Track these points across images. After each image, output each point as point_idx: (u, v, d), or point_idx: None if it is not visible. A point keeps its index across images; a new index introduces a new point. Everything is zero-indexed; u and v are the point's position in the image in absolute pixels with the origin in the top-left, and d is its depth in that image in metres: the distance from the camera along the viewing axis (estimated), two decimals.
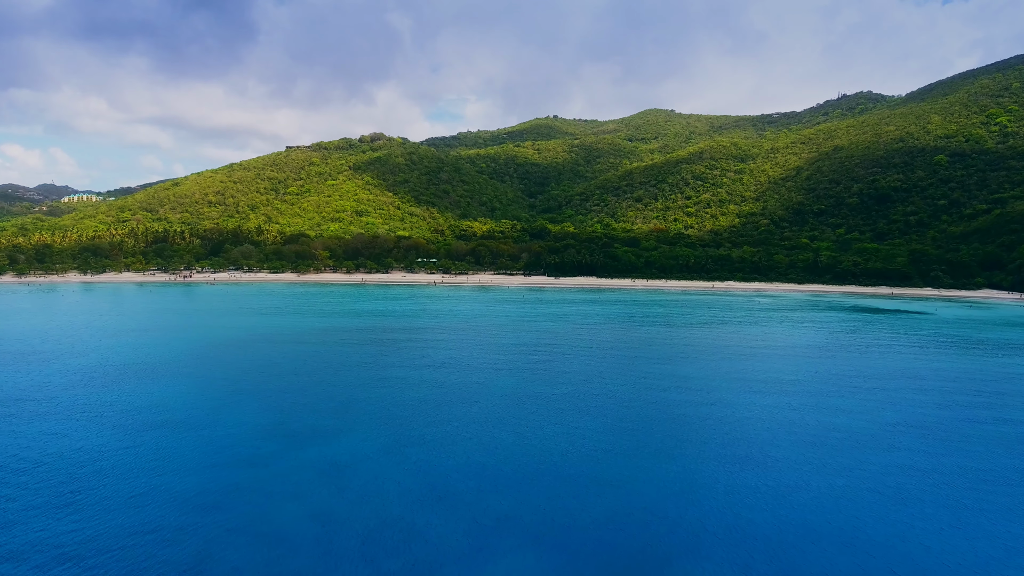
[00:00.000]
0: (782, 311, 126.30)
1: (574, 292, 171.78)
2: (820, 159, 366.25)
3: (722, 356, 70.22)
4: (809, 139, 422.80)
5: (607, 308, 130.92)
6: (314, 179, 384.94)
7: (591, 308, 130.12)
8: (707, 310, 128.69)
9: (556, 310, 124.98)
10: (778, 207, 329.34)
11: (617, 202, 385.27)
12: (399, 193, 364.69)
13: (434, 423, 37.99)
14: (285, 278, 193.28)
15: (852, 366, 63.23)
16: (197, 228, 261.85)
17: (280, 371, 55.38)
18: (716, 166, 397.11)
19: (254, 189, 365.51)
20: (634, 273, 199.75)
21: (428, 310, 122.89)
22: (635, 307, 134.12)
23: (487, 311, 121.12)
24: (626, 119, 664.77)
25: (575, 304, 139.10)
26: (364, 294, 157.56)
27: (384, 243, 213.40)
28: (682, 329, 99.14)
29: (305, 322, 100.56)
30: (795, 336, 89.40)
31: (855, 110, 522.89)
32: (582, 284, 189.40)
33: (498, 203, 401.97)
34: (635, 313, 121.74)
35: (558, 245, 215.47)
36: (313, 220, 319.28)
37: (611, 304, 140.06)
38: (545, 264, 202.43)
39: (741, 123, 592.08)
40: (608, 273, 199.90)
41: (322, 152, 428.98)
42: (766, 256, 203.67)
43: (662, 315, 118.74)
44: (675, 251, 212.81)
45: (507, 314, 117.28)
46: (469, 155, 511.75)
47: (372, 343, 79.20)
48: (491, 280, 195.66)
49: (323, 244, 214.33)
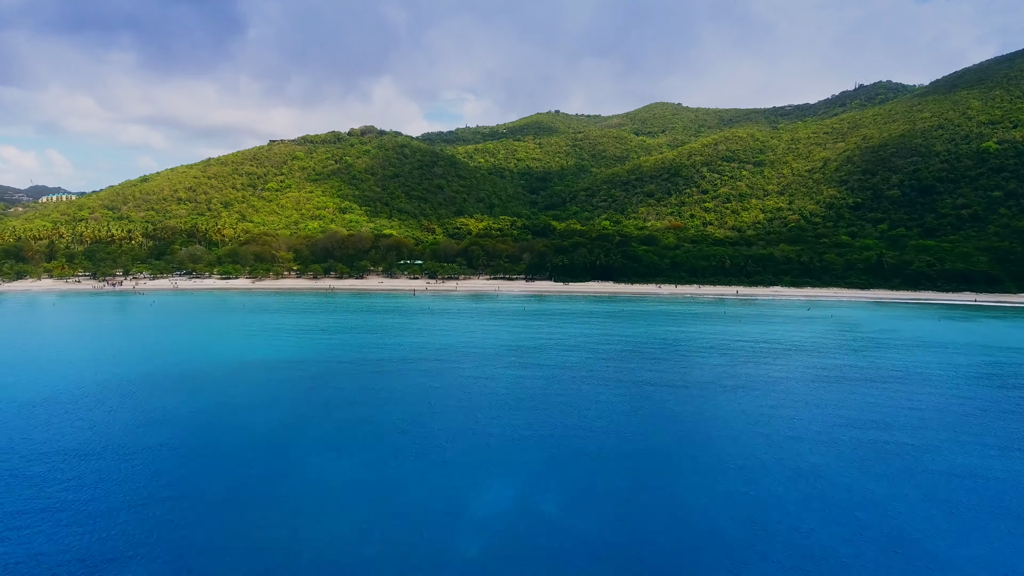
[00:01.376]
0: (898, 335, 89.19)
1: (587, 301, 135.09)
2: (849, 149, 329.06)
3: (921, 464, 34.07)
4: (832, 129, 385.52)
5: (637, 327, 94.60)
6: (297, 174, 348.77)
7: (616, 328, 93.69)
8: (784, 329, 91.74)
9: (568, 331, 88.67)
10: (808, 201, 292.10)
11: (626, 197, 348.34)
12: (388, 188, 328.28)
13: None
14: (237, 285, 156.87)
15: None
16: (150, 227, 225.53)
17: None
18: (733, 158, 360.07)
19: (230, 185, 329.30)
20: (658, 277, 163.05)
21: (391, 332, 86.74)
22: (673, 324, 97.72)
23: (474, 334, 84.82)
24: (630, 113, 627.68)
25: (592, 320, 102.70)
26: (320, 307, 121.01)
27: (359, 243, 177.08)
28: (767, 369, 62.18)
29: (176, 361, 64.05)
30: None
31: (875, 100, 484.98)
32: (596, 291, 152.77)
33: (497, 199, 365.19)
34: (679, 336, 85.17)
35: (566, 244, 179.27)
36: (291, 218, 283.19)
37: (641, 320, 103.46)
38: (551, 266, 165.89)
39: (752, 116, 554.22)
40: (627, 277, 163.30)
41: (307, 146, 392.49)
42: (816, 256, 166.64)
43: (717, 340, 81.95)
44: (705, 250, 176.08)
45: (500, 339, 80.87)
46: (467, 150, 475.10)
47: (268, 404, 43.05)
48: (486, 286, 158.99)
49: (287, 244, 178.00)
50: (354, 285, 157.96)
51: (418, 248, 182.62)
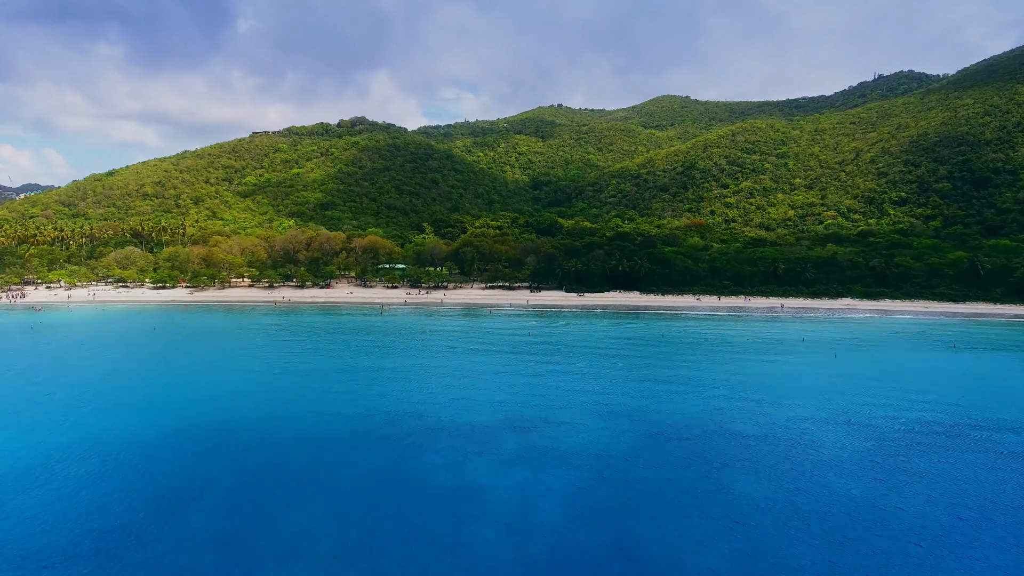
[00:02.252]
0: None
1: (612, 320, 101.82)
2: (883, 140, 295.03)
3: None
4: (860, 119, 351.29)
5: (697, 368, 62.11)
6: (278, 167, 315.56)
7: (665, 370, 61.25)
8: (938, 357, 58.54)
9: (598, 378, 56.46)
10: (843, 195, 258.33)
11: (638, 193, 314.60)
12: (377, 183, 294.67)
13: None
14: (171, 296, 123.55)
15: None
16: (87, 226, 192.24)
17: None
18: (754, 150, 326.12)
19: (203, 179, 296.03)
20: (695, 286, 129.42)
21: (318, 384, 53.57)
22: (745, 360, 64.60)
23: (452, 390, 52.96)
24: (637, 107, 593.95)
25: (626, 353, 70.43)
26: (246, 332, 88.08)
27: (327, 244, 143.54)
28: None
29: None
30: None
31: (896, 90, 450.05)
32: (619, 303, 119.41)
33: (496, 195, 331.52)
34: (768, 381, 51.80)
35: (578, 245, 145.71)
36: (266, 215, 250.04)
37: (695, 353, 70.76)
38: (561, 272, 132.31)
39: (766, 108, 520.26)
40: (655, 286, 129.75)
41: (292, 138, 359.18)
42: (884, 259, 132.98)
43: (847, 409, 48.61)
44: (751, 252, 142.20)
45: (494, 402, 49.30)
46: (465, 143, 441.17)
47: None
48: (481, 297, 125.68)
49: (241, 246, 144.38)
50: (315, 297, 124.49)
51: (399, 251, 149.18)
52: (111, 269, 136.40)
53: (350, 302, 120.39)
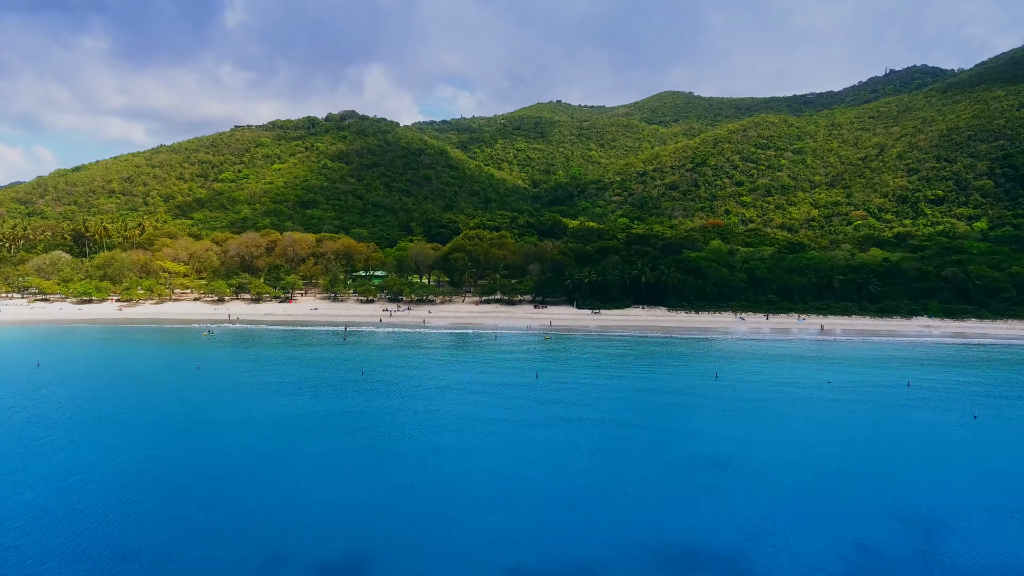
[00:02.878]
0: None
1: (644, 353, 77.79)
2: (909, 134, 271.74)
3: None
4: (879, 113, 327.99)
5: (812, 450, 36.73)
6: (259, 162, 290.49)
7: (771, 464, 35.42)
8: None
9: (647, 463, 30.34)
10: (871, 193, 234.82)
11: (645, 191, 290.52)
12: (365, 179, 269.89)
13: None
14: (94, 313, 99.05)
15: None
16: (19, 226, 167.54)
17: None
18: (768, 145, 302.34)
19: (176, 175, 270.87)
20: (734, 301, 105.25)
21: (219, 490, 27.87)
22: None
23: (430, 508, 26.53)
24: (639, 103, 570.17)
25: (688, 424, 45.09)
26: (140, 379, 64.03)
27: (292, 248, 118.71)
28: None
29: None
30: None
31: (910, 85, 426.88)
32: (643, 323, 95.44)
33: (493, 193, 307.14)
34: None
35: (590, 250, 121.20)
36: (240, 213, 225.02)
37: (790, 410, 46.28)
38: (572, 283, 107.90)
39: (772, 104, 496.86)
40: (686, 300, 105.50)
41: (276, 132, 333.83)
42: (966, 271, 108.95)
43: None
44: (798, 259, 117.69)
45: (497, 533, 21.61)
46: (461, 139, 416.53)
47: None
48: (474, 315, 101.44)
49: (190, 251, 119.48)
50: (270, 314, 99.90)
51: (377, 256, 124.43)
52: (29, 278, 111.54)
53: (312, 321, 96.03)
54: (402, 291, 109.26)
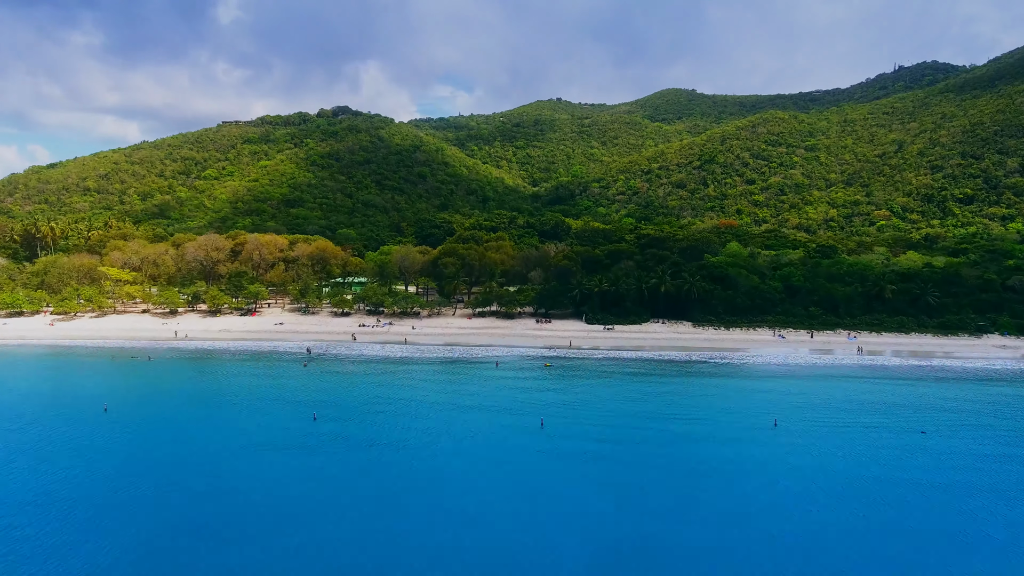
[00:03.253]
0: None
1: (677, 381, 62.53)
2: (928, 130, 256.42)
3: None
4: (893, 109, 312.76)
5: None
6: (245, 159, 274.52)
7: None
8: None
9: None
10: (893, 192, 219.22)
11: (651, 190, 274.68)
12: (356, 177, 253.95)
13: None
14: (20, 330, 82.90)
15: None
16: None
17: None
18: (779, 141, 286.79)
19: (156, 172, 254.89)
20: (769, 313, 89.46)
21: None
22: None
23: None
24: (640, 100, 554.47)
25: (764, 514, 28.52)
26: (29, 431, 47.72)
27: (259, 252, 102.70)
28: None
29: None
30: None
31: (921, 81, 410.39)
32: (665, 343, 79.93)
33: (491, 191, 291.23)
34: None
35: (599, 254, 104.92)
36: (221, 212, 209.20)
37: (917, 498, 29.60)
38: (581, 293, 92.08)
39: (778, 101, 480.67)
40: (713, 313, 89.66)
41: (265, 128, 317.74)
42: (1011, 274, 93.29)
43: None
44: (842, 265, 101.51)
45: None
46: (458, 136, 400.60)
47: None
48: (465, 332, 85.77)
49: (142, 255, 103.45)
50: (226, 331, 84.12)
51: (356, 262, 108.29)
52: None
53: (274, 338, 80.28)
54: (383, 302, 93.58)
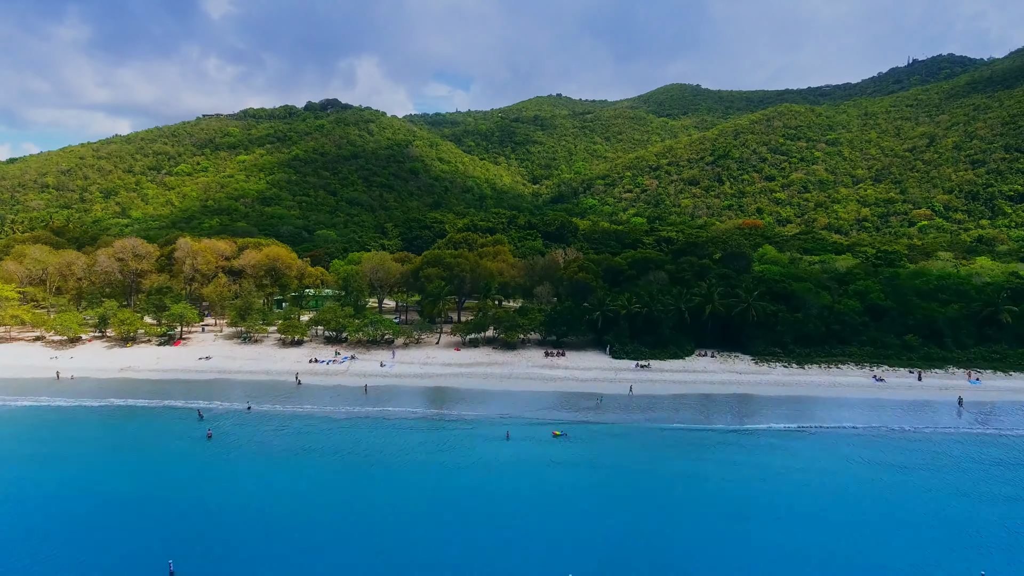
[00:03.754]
0: None
1: (772, 463, 39.26)
2: (961, 123, 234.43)
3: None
4: (918, 101, 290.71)
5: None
6: (223, 154, 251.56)
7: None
8: None
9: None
10: (931, 189, 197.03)
11: (661, 187, 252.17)
12: (341, 173, 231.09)
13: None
14: None
15: None
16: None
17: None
18: (798, 136, 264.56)
19: (124, 168, 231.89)
20: (851, 343, 67.17)
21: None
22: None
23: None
24: (644, 96, 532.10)
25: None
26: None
27: (191, 259, 79.96)
28: None
29: None
30: None
31: (938, 75, 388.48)
32: (725, 386, 56.65)
33: (489, 188, 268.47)
34: None
35: (621, 264, 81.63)
36: (189, 211, 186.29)
37: None
38: (604, 317, 69.58)
39: (786, 97, 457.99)
40: (778, 344, 67.40)
41: (247, 121, 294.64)
42: None
43: None
44: (927, 279, 78.92)
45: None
46: (454, 131, 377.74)
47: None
48: (450, 370, 62.89)
49: (43, 265, 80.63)
50: (130, 367, 61.59)
51: (314, 273, 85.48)
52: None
53: (190, 380, 57.73)
54: (345, 328, 71.41)
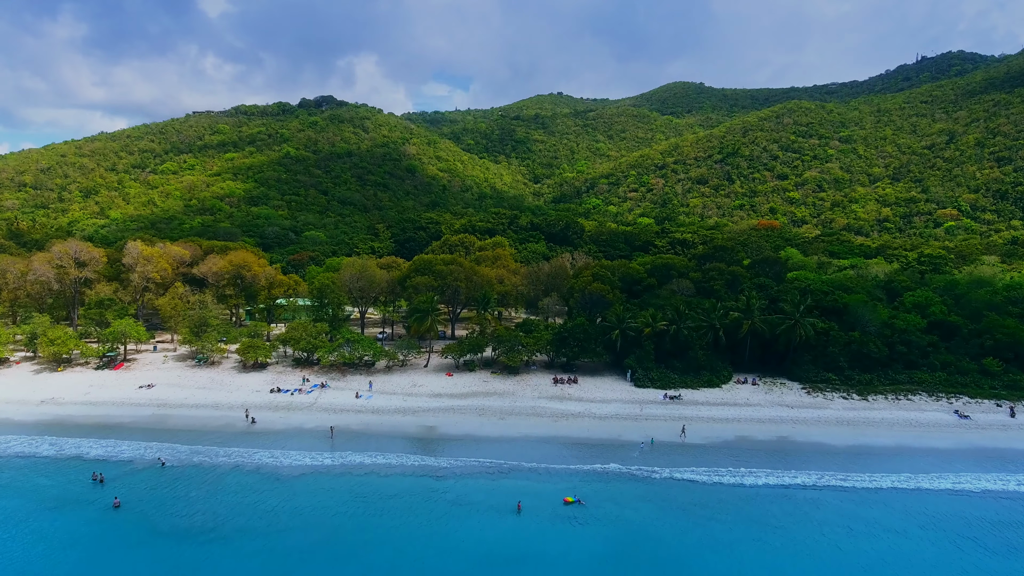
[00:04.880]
0: None
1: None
2: (982, 119, 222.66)
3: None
4: (933, 97, 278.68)
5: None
6: (211, 151, 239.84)
7: None
8: None
9: None
10: (956, 188, 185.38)
11: (668, 186, 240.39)
12: (334, 171, 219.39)
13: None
14: None
15: None
16: None
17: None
18: (810, 133, 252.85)
19: (107, 165, 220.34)
20: (918, 368, 55.52)
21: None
22: None
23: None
24: (646, 94, 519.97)
25: None
26: None
27: (142, 266, 68.23)
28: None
29: None
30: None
31: (949, 72, 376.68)
32: (770, 427, 45.25)
33: (488, 187, 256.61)
34: None
35: (637, 271, 69.93)
36: (171, 210, 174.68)
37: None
38: (622, 337, 58.06)
39: (792, 94, 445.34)
40: (832, 368, 55.79)
41: (238, 118, 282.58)
42: None
43: None
44: (992, 289, 67.37)
45: None
46: (453, 130, 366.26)
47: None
48: (441, 403, 51.02)
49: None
50: (56, 399, 50.46)
51: (284, 282, 73.52)
52: None
53: (119, 421, 46.23)
54: (315, 350, 59.76)
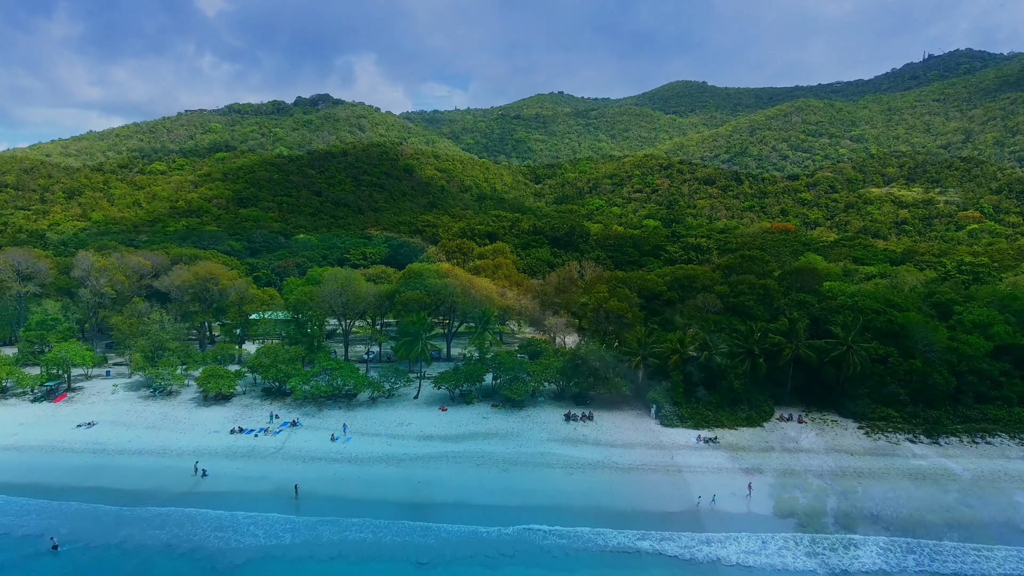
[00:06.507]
0: None
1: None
2: (998, 117, 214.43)
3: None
4: (945, 95, 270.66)
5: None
6: (204, 150, 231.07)
7: None
8: None
9: None
10: (977, 189, 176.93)
11: (673, 187, 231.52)
12: (328, 171, 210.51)
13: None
14: None
15: None
16: None
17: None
18: (820, 132, 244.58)
19: (93, 165, 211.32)
20: (990, 403, 47.10)
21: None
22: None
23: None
24: (648, 93, 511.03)
25: None
26: None
27: (93, 278, 59.10)
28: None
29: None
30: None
31: (957, 70, 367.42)
32: (830, 481, 36.74)
33: (488, 188, 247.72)
34: None
35: (656, 284, 60.73)
36: (156, 212, 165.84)
37: None
38: (645, 364, 49.07)
39: (797, 93, 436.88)
40: (887, 400, 47.31)
41: (231, 116, 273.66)
42: None
43: None
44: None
45: None
46: (452, 129, 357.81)
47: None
48: (431, 450, 43.02)
49: None
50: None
51: (263, 297, 64.48)
52: None
53: (42, 477, 37.53)
54: (287, 378, 50.92)
